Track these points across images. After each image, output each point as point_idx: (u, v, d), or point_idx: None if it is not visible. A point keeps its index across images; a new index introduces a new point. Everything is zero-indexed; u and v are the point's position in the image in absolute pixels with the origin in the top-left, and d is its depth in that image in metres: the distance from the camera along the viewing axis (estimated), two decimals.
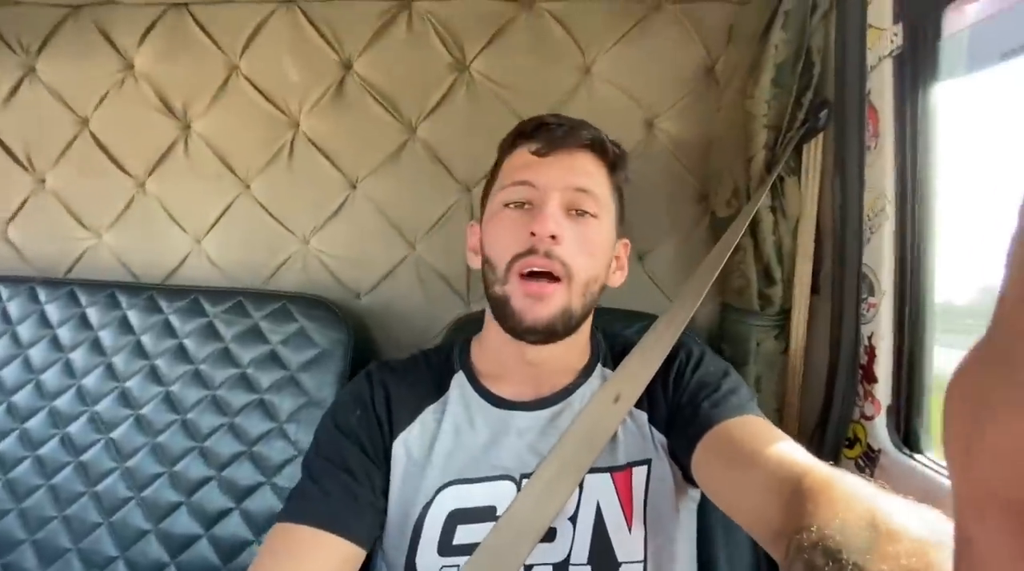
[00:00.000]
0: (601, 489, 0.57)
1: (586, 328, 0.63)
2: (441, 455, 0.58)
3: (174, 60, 1.04)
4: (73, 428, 0.85)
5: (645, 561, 0.55)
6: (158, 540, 0.79)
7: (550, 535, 0.55)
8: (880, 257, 0.72)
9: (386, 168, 1.02)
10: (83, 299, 0.93)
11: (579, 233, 0.57)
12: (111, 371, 0.88)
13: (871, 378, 0.74)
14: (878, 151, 0.71)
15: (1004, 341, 0.12)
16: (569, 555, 0.55)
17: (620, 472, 0.58)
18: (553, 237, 0.55)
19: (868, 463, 0.73)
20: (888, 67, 0.69)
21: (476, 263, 0.64)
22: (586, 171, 0.59)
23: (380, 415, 0.59)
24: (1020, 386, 0.11)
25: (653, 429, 0.60)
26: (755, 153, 0.79)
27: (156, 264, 1.09)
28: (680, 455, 0.56)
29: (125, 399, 0.86)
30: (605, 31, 0.95)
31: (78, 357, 0.89)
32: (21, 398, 0.87)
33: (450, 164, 1.00)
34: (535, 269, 0.56)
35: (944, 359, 0.69)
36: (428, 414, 0.60)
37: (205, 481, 0.81)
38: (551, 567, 0.54)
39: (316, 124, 1.03)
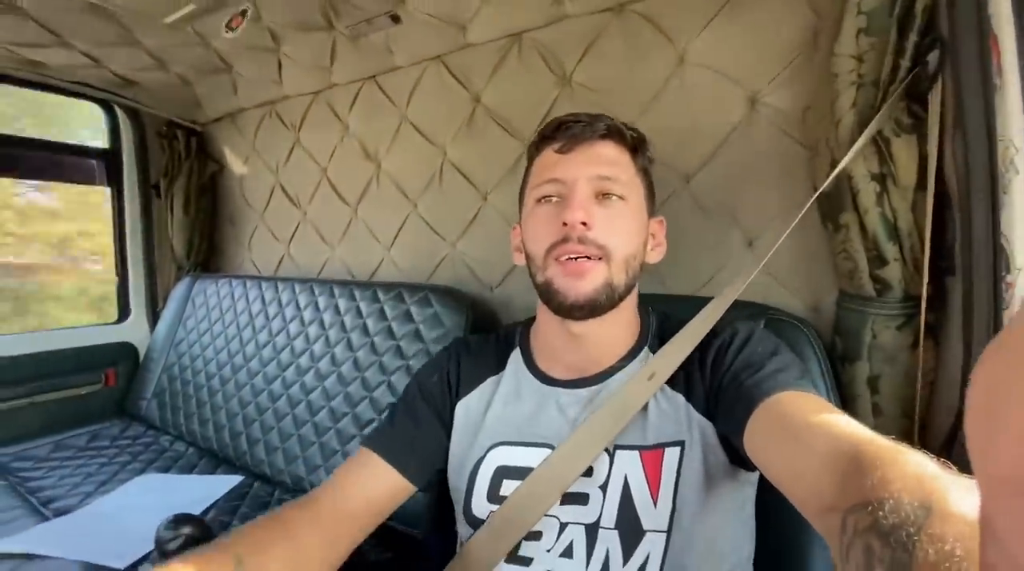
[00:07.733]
0: (629, 465, 0.60)
1: (630, 304, 0.66)
2: (492, 420, 0.67)
3: (369, 119, 1.44)
4: (307, 377, 1.27)
5: (669, 531, 0.57)
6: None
7: (583, 499, 0.60)
8: (1012, 222, 0.56)
9: (507, 180, 1.20)
10: (316, 290, 1.37)
11: (609, 215, 0.60)
12: (327, 341, 1.28)
13: None
14: (1002, 91, 0.56)
15: None
16: (599, 518, 0.59)
17: (649, 451, 0.59)
18: (584, 223, 0.58)
19: None
20: None
21: (520, 260, 0.69)
22: (608, 159, 0.62)
23: (451, 381, 0.72)
24: None
25: (692, 411, 0.60)
26: (841, 116, 0.69)
27: (365, 267, 1.50)
28: (731, 435, 0.55)
29: (333, 360, 1.24)
30: (693, 16, 0.93)
31: (312, 331, 1.32)
32: (284, 355, 1.34)
33: None
34: (572, 256, 0.59)
35: None
36: (487, 384, 0.70)
37: (371, 421, 1.12)
38: (583, 527, 0.60)
39: (456, 151, 1.28)
